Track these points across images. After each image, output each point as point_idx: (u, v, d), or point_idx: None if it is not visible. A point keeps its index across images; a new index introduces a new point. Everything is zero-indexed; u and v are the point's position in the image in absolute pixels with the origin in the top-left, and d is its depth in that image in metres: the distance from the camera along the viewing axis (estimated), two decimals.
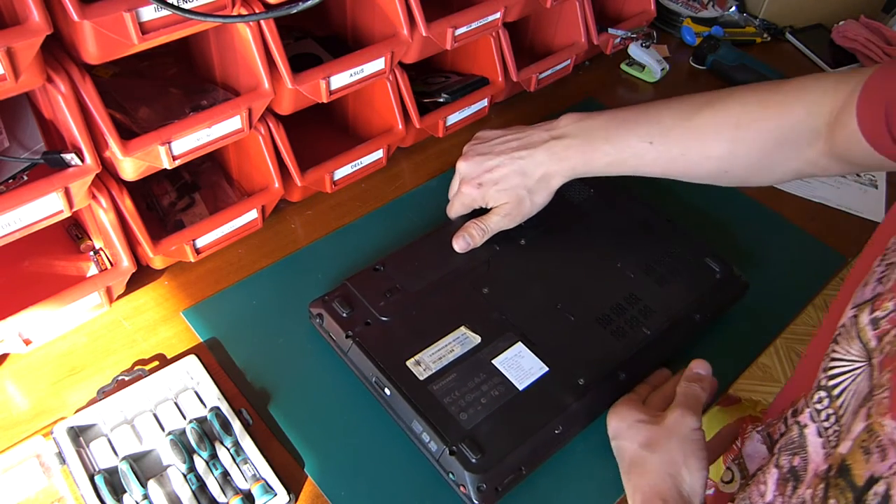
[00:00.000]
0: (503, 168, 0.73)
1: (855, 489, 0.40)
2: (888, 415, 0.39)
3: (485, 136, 0.77)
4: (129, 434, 0.64)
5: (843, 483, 0.41)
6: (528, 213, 0.75)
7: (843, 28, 1.22)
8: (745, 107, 0.65)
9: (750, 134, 0.65)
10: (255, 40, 0.69)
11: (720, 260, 0.78)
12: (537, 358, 0.67)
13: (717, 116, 0.67)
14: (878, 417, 0.40)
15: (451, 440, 0.61)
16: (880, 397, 0.40)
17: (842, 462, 0.42)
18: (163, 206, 0.83)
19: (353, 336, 0.67)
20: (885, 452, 0.38)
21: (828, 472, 0.43)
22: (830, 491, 0.42)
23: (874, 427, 0.39)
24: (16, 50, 0.54)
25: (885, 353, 0.42)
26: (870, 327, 0.45)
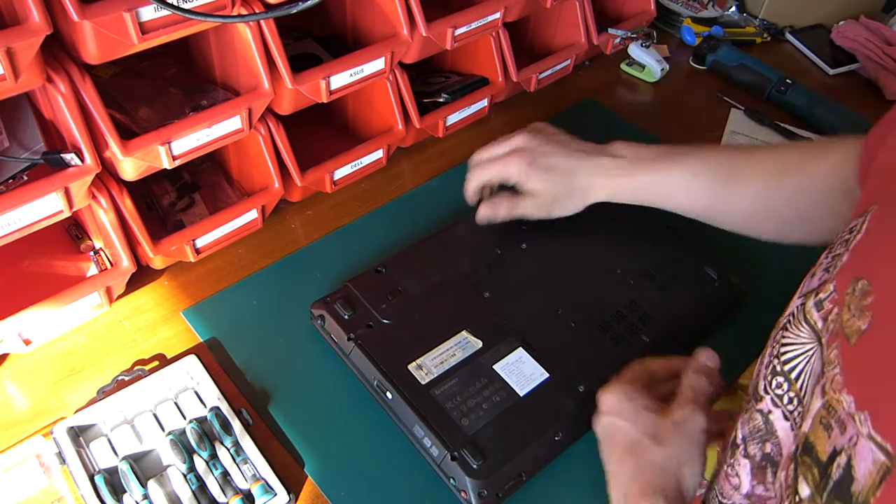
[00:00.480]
0: (558, 159, 0.74)
1: (819, 464, 0.41)
2: (843, 390, 0.40)
3: (548, 130, 0.78)
4: (129, 434, 0.64)
5: (808, 460, 0.42)
6: (554, 213, 0.75)
7: (843, 28, 1.22)
8: (786, 155, 0.69)
9: (788, 180, 0.67)
10: (255, 40, 0.69)
11: (718, 268, 0.78)
12: (538, 364, 0.67)
13: (759, 160, 0.70)
14: (833, 394, 0.41)
15: (452, 445, 0.61)
16: (832, 374, 0.41)
17: (805, 440, 0.43)
18: (163, 206, 0.83)
19: (355, 338, 0.67)
20: (845, 426, 0.39)
21: (795, 452, 0.44)
22: (799, 469, 0.43)
23: (832, 403, 0.41)
24: (16, 50, 0.54)
25: (829, 331, 0.44)
26: (815, 309, 0.46)
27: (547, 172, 0.74)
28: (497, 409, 0.63)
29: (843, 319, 0.42)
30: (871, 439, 0.37)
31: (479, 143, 0.97)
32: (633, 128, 1.03)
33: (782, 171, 0.68)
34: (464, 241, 0.77)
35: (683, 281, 0.76)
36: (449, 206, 0.87)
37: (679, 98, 1.10)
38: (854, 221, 0.47)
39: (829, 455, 0.40)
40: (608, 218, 0.82)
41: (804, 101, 1.06)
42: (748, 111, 1.07)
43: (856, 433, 0.38)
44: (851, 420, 0.38)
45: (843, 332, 0.41)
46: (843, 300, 0.43)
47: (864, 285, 0.41)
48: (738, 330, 0.77)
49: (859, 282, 0.42)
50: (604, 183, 0.73)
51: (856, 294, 0.41)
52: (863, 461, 0.37)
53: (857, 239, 0.45)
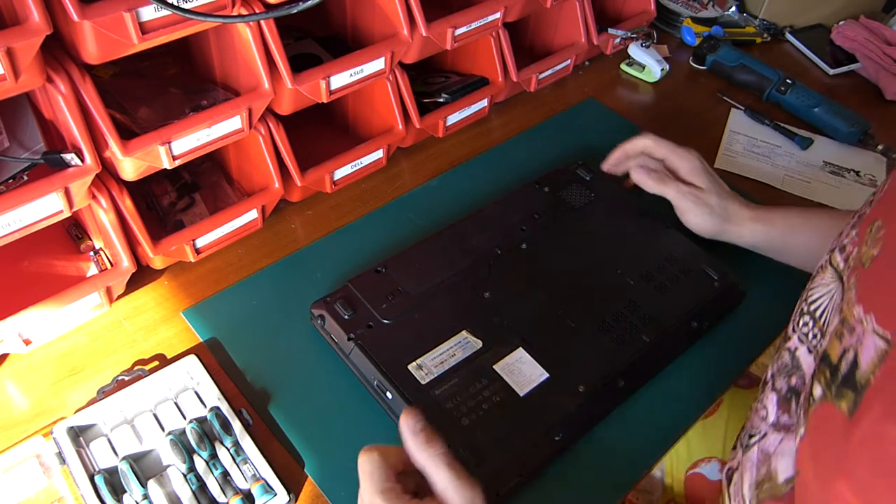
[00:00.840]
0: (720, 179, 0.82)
1: (831, 366, 0.47)
2: (856, 304, 0.46)
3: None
4: (129, 434, 0.64)
5: (823, 367, 0.48)
6: (690, 219, 0.80)
7: (843, 28, 1.22)
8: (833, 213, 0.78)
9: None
10: (255, 40, 0.69)
11: (718, 268, 0.78)
12: (538, 364, 0.67)
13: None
14: (847, 309, 0.47)
15: (452, 445, 0.60)
16: (849, 296, 0.48)
17: (823, 353, 0.49)
18: (163, 206, 0.83)
19: (355, 338, 0.67)
20: (853, 329, 0.45)
21: (814, 371, 0.50)
22: (815, 378, 0.48)
23: (846, 317, 0.47)
24: (16, 50, 0.54)
25: (850, 268, 0.50)
26: (838, 254, 0.54)
27: (711, 176, 0.81)
28: (497, 410, 0.63)
29: (861, 252, 0.49)
30: (875, 333, 0.43)
31: (479, 143, 0.98)
32: (633, 128, 1.03)
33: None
34: (464, 241, 0.77)
35: (683, 281, 0.76)
36: (449, 206, 0.87)
37: (679, 98, 1.10)
38: (881, 185, 0.53)
39: (840, 355, 0.46)
40: (608, 218, 0.82)
41: (804, 101, 1.06)
42: (748, 111, 1.07)
43: (862, 331, 0.44)
44: (860, 324, 0.44)
45: (860, 262, 0.48)
46: (862, 240, 0.50)
47: (879, 224, 0.48)
48: (738, 330, 0.77)
49: (876, 222, 0.49)
50: (750, 214, 0.79)
51: (873, 231, 0.49)
52: (866, 351, 0.43)
53: (879, 196, 0.51)
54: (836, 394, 0.45)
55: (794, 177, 0.98)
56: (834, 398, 0.45)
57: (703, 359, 0.74)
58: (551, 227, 0.80)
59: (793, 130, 1.04)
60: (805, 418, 0.49)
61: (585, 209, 0.83)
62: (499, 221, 0.80)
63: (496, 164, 0.95)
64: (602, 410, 0.68)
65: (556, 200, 0.83)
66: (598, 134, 1.02)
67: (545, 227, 0.80)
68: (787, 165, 1.00)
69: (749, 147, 1.02)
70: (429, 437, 0.52)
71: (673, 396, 0.71)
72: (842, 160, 1.01)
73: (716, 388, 0.73)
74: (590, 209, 0.83)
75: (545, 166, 0.91)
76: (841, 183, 0.98)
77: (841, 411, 0.44)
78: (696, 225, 0.80)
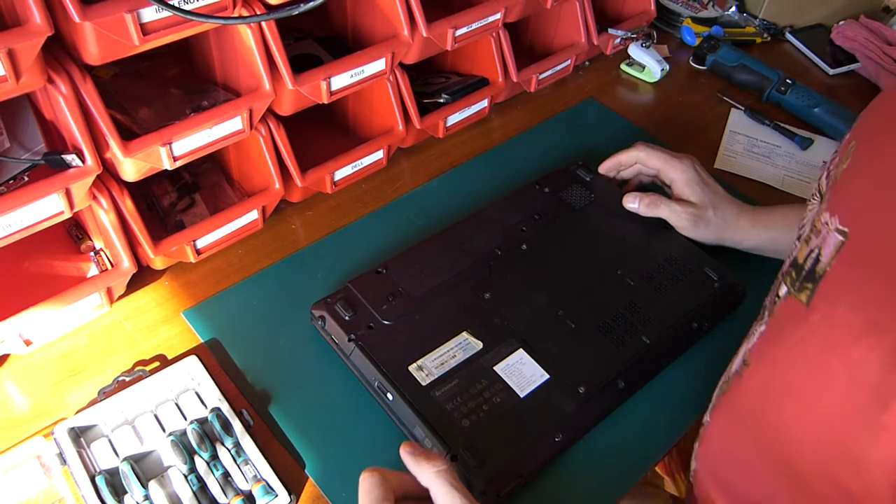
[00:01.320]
0: (718, 186, 0.83)
1: (797, 266, 0.52)
2: (825, 211, 0.50)
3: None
4: (129, 435, 0.64)
5: (790, 269, 0.53)
6: (690, 232, 0.80)
7: (843, 28, 1.22)
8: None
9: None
10: (255, 41, 0.69)
11: (718, 269, 0.78)
12: (538, 365, 0.67)
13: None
14: (818, 218, 0.51)
15: (453, 446, 0.61)
16: (822, 206, 0.52)
17: (792, 259, 0.54)
18: (163, 207, 0.83)
19: (355, 339, 0.67)
20: (819, 232, 0.50)
21: (781, 272, 0.56)
22: (783, 279, 0.54)
23: (815, 224, 0.51)
24: (17, 51, 0.54)
25: (829, 186, 0.55)
26: (824, 179, 0.57)
27: (706, 187, 0.81)
28: (498, 411, 0.63)
29: (837, 171, 0.53)
30: (836, 231, 0.48)
31: (480, 143, 0.98)
32: (633, 128, 1.03)
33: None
34: (464, 242, 0.77)
35: (683, 282, 0.76)
36: (449, 207, 0.87)
37: (679, 98, 1.11)
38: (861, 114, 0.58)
39: (806, 255, 0.51)
40: (608, 219, 0.82)
41: (804, 101, 1.06)
42: (748, 111, 1.07)
43: (826, 231, 0.49)
44: (825, 226, 0.49)
45: (836, 178, 0.53)
46: (841, 160, 0.54)
47: (854, 144, 0.53)
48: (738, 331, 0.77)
49: (852, 143, 0.53)
50: (748, 221, 0.80)
51: (848, 151, 0.53)
52: (827, 248, 0.48)
53: (856, 124, 0.56)
54: (799, 288, 0.50)
55: (794, 177, 0.98)
56: (796, 292, 0.50)
57: (704, 360, 0.74)
58: (551, 227, 0.80)
59: (793, 130, 1.04)
60: (769, 317, 0.55)
61: (585, 210, 0.83)
62: (499, 222, 0.80)
63: (496, 164, 0.95)
64: (602, 411, 0.68)
65: (557, 201, 0.83)
66: (598, 134, 1.02)
67: (545, 227, 0.80)
68: (787, 165, 1.00)
69: (749, 147, 1.02)
70: (429, 455, 0.53)
71: (673, 397, 0.71)
72: None
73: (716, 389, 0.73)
74: (590, 210, 0.83)
75: (545, 167, 0.91)
76: None
77: (800, 302, 0.49)
78: (697, 238, 0.81)
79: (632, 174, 0.88)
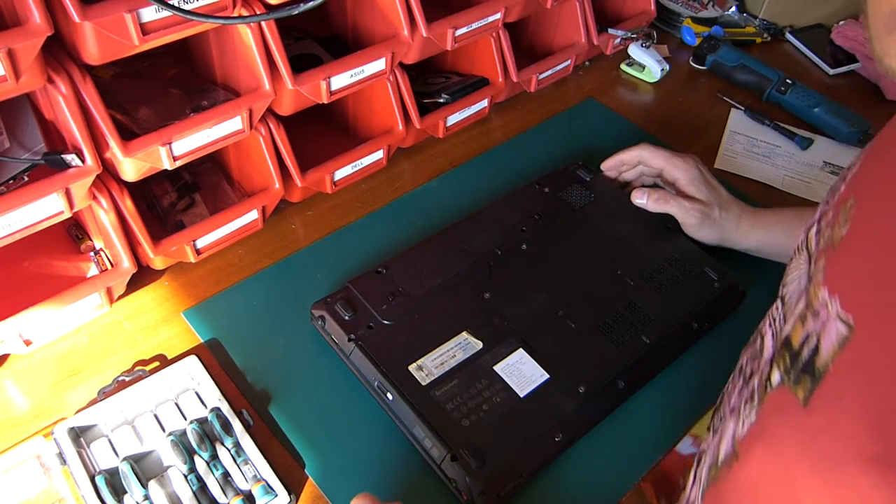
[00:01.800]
0: (720, 185, 0.82)
1: (792, 351, 0.45)
2: (822, 286, 0.44)
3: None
4: (129, 435, 0.64)
5: (783, 351, 0.46)
6: (695, 231, 0.80)
7: (843, 28, 1.22)
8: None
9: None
10: (255, 41, 0.69)
11: (718, 269, 0.78)
12: (538, 365, 0.67)
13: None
14: (814, 291, 0.45)
15: (452, 446, 0.61)
16: (817, 278, 0.45)
17: (785, 338, 0.47)
18: (163, 207, 0.83)
19: (355, 339, 0.67)
20: (818, 313, 0.43)
21: (773, 354, 0.49)
22: (774, 362, 0.47)
23: (811, 300, 0.45)
24: (17, 51, 0.54)
25: (819, 249, 0.48)
26: (814, 236, 0.51)
27: (710, 186, 0.80)
28: (498, 411, 0.63)
29: (833, 233, 0.46)
30: (838, 317, 0.41)
31: (480, 143, 0.98)
32: (633, 128, 1.03)
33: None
34: (464, 242, 0.77)
35: (683, 282, 0.76)
36: (449, 207, 0.87)
37: (679, 98, 1.11)
38: (854, 159, 0.51)
39: (802, 340, 0.44)
40: (608, 219, 0.82)
41: (804, 101, 1.06)
42: (748, 111, 1.07)
43: (826, 316, 0.42)
44: (825, 307, 0.43)
45: (831, 243, 0.46)
46: (836, 221, 0.47)
47: (852, 202, 0.45)
48: (738, 331, 0.77)
49: (849, 201, 0.46)
50: (748, 221, 0.80)
51: (846, 210, 0.46)
52: (828, 337, 0.41)
53: (853, 172, 0.49)
54: (795, 380, 0.44)
55: (794, 177, 0.98)
56: (791, 384, 0.44)
57: (704, 359, 0.74)
58: (551, 227, 0.80)
59: (793, 130, 1.04)
60: (759, 404, 0.49)
61: (585, 210, 0.83)
62: (499, 222, 0.80)
63: (496, 164, 0.95)
64: (602, 411, 0.68)
65: (557, 201, 0.83)
66: (598, 134, 1.02)
67: (545, 227, 0.80)
68: (787, 166, 1.00)
69: (749, 147, 1.02)
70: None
71: (673, 397, 0.71)
72: (842, 160, 1.01)
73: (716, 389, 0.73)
74: (590, 210, 0.83)
75: (545, 166, 0.91)
76: None
77: (796, 398, 0.43)
78: (701, 238, 0.80)
79: (634, 175, 0.88)
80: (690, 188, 0.80)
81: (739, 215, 0.80)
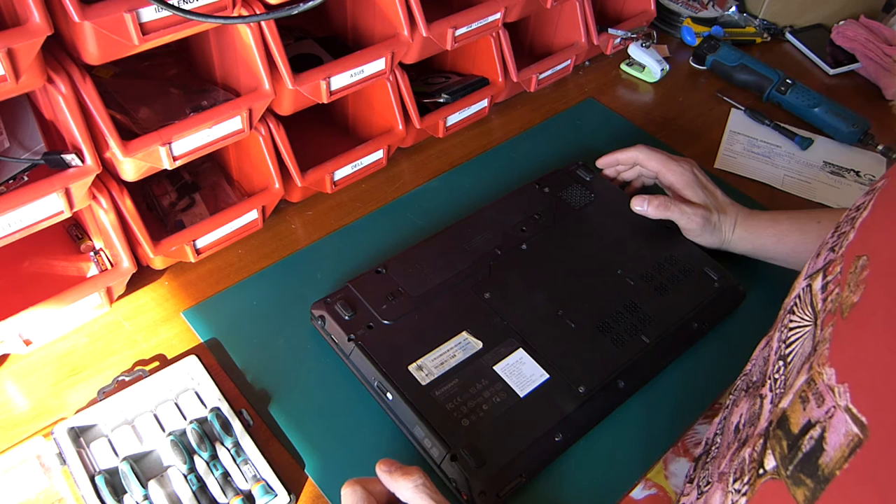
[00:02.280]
0: (717, 189, 0.82)
1: (790, 437, 0.40)
2: (827, 363, 0.38)
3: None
4: (129, 434, 0.64)
5: (780, 433, 0.41)
6: (696, 236, 0.80)
7: (843, 28, 1.22)
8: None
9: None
10: (255, 41, 0.69)
11: (718, 268, 0.78)
12: (538, 365, 0.67)
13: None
14: (817, 368, 0.39)
15: (452, 446, 0.61)
16: (822, 350, 0.40)
17: (781, 415, 0.42)
18: (163, 207, 0.83)
19: (355, 339, 0.67)
20: (823, 399, 0.38)
21: (767, 428, 0.43)
22: (769, 443, 0.42)
23: (814, 377, 0.39)
24: (16, 51, 0.54)
25: (827, 310, 0.43)
26: (820, 292, 0.45)
27: (706, 190, 0.80)
28: (498, 411, 0.63)
29: (843, 297, 0.41)
30: (848, 411, 0.35)
31: (480, 143, 0.98)
32: (633, 128, 1.03)
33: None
34: (464, 242, 0.77)
35: (683, 282, 0.76)
36: (449, 207, 0.87)
37: (679, 98, 1.10)
38: (862, 199, 0.47)
39: (803, 427, 0.39)
40: (608, 219, 0.82)
41: (804, 101, 1.06)
42: (748, 111, 1.07)
43: (833, 405, 0.37)
44: (830, 392, 0.37)
45: (840, 308, 0.40)
46: (845, 279, 0.41)
47: (864, 261, 0.40)
48: (738, 330, 0.77)
49: (861, 258, 0.40)
50: (742, 225, 0.79)
51: (856, 270, 0.40)
52: (835, 433, 0.36)
53: (864, 216, 0.44)
54: (792, 477, 0.38)
55: (794, 177, 0.98)
56: (788, 480, 0.39)
57: (704, 359, 0.74)
58: (551, 227, 0.80)
59: (793, 130, 1.04)
60: (749, 489, 0.43)
61: (585, 210, 0.83)
62: (499, 222, 0.80)
63: (496, 164, 0.95)
64: (602, 411, 0.68)
65: (556, 201, 0.83)
66: (598, 134, 1.02)
67: (545, 227, 0.80)
68: (787, 165, 1.00)
69: (749, 147, 1.02)
70: (406, 470, 0.53)
71: (672, 397, 0.71)
72: (842, 160, 1.02)
73: (716, 389, 0.73)
74: (590, 210, 0.83)
75: (545, 166, 0.91)
76: (841, 183, 0.98)
77: (795, 501, 0.37)
78: (701, 242, 0.80)
79: (633, 175, 0.88)
80: (687, 192, 0.80)
81: (735, 219, 0.79)
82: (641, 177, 0.88)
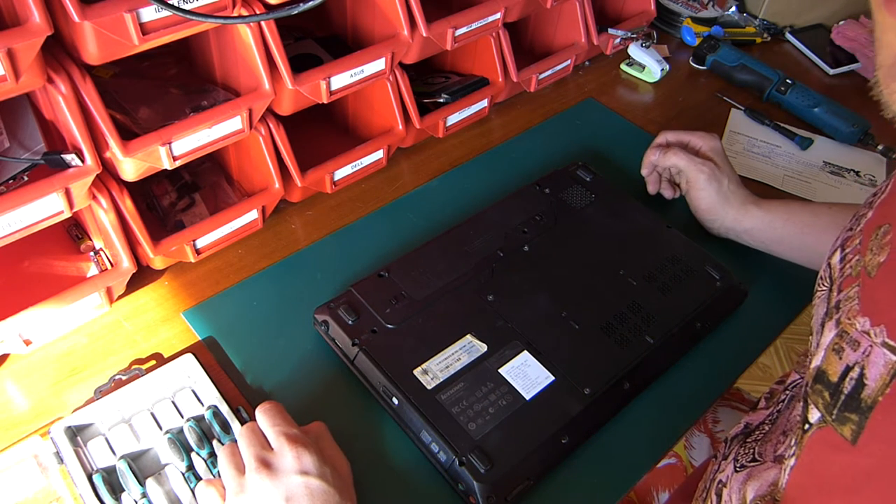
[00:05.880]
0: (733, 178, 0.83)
1: (830, 385, 0.43)
2: (859, 315, 0.42)
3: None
4: (126, 433, 0.64)
5: (819, 387, 0.44)
6: (698, 190, 0.81)
7: (843, 28, 1.22)
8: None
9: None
10: (255, 41, 0.69)
11: (720, 267, 0.78)
12: (543, 367, 0.67)
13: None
14: (847, 321, 0.43)
15: (460, 450, 0.60)
16: (848, 307, 0.44)
17: (816, 372, 0.45)
18: (163, 207, 0.83)
19: (359, 344, 0.67)
20: (858, 343, 0.41)
21: (805, 389, 0.46)
22: (809, 399, 0.45)
23: (845, 329, 0.43)
24: (16, 51, 0.54)
25: (845, 275, 0.47)
26: (839, 264, 0.49)
27: (727, 162, 0.82)
28: (503, 413, 0.63)
29: (866, 260, 0.45)
30: (885, 345, 0.39)
31: (480, 143, 0.98)
32: (632, 128, 1.03)
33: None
34: (466, 245, 0.77)
35: (685, 281, 0.76)
36: (449, 207, 0.87)
37: (679, 98, 1.10)
38: (880, 185, 0.50)
39: (842, 374, 0.42)
40: (610, 219, 0.82)
41: (804, 101, 1.06)
42: (748, 111, 1.07)
43: (870, 345, 0.40)
44: (866, 336, 0.41)
45: (864, 270, 0.44)
46: (866, 247, 0.45)
47: (886, 228, 0.44)
48: (741, 330, 0.77)
49: (883, 227, 0.45)
50: (752, 200, 0.81)
51: (878, 237, 0.45)
52: (874, 367, 0.39)
53: (882, 198, 0.48)
54: (838, 419, 0.41)
55: (794, 177, 0.98)
56: (834, 422, 0.41)
57: (707, 359, 0.74)
58: (553, 228, 0.80)
59: (793, 130, 1.04)
60: (798, 446, 0.45)
61: (586, 210, 0.83)
62: (500, 224, 0.80)
63: (496, 164, 0.95)
64: (607, 413, 0.67)
65: (557, 202, 0.83)
66: (598, 134, 1.02)
67: (547, 228, 0.80)
68: (787, 165, 1.00)
69: (749, 147, 1.02)
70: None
71: (677, 397, 0.71)
72: (842, 160, 1.02)
73: (719, 388, 0.73)
74: (591, 210, 0.83)
75: (545, 166, 0.91)
76: (841, 183, 0.98)
77: (843, 438, 0.40)
78: (701, 199, 0.81)
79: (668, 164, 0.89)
80: (711, 154, 0.82)
81: (745, 195, 0.81)
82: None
